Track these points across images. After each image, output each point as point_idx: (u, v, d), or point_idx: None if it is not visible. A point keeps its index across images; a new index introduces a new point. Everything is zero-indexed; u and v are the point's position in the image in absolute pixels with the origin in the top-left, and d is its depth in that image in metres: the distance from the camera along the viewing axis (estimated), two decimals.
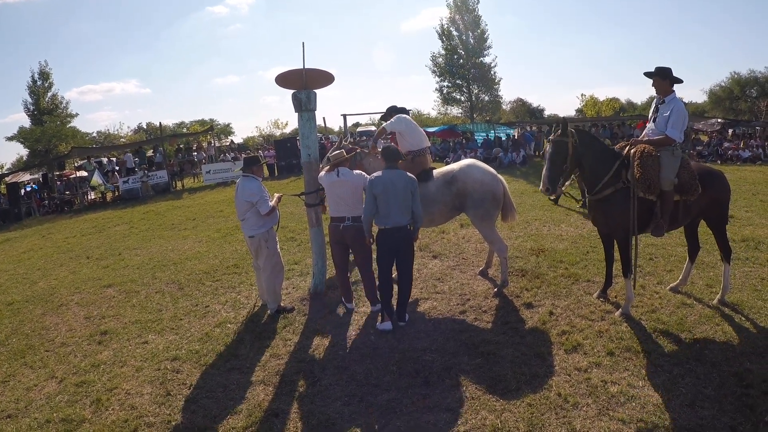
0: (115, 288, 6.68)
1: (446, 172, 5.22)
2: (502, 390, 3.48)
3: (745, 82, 37.06)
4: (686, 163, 4.36)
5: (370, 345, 4.32)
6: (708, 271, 5.37)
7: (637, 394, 3.32)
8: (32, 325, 5.69)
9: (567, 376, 3.59)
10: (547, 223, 8.11)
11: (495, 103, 29.00)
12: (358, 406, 3.47)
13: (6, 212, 16.80)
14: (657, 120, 4.35)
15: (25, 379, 4.40)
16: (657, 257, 5.97)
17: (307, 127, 5.41)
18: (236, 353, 4.40)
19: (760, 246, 6.19)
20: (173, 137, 23.91)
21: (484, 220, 5.07)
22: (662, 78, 4.26)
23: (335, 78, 5.59)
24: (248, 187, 4.91)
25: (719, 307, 4.49)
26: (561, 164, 4.22)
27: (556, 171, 4.23)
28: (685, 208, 4.35)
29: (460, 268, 6.13)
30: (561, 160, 4.22)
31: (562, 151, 4.21)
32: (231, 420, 3.46)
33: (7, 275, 8.33)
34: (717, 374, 3.50)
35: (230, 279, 6.48)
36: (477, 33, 26.32)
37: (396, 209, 4.36)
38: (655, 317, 4.36)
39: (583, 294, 5.00)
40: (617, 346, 3.92)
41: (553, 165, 4.22)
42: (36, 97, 32.36)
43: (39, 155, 30.59)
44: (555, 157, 4.22)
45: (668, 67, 4.28)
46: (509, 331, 4.35)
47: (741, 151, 16.15)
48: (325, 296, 5.50)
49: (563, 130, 4.24)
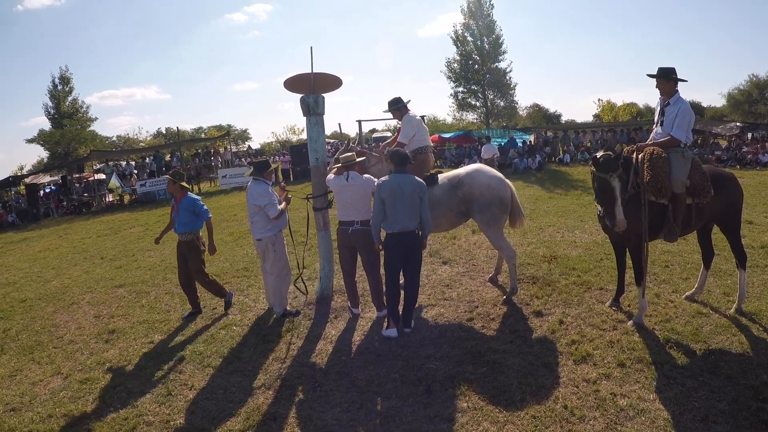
0: (126, 288, 6.77)
1: (452, 177, 5.14)
2: (506, 401, 3.37)
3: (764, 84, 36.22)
4: (697, 164, 4.20)
5: (374, 351, 4.25)
6: (725, 279, 5.17)
7: (647, 407, 3.17)
8: (43, 322, 5.80)
9: (575, 387, 3.46)
10: (561, 230, 7.94)
11: (511, 108, 28.80)
12: (357, 413, 3.40)
13: (25, 212, 17.30)
14: (664, 123, 4.21)
15: (31, 374, 4.49)
16: (673, 265, 5.78)
17: (314, 130, 5.40)
18: (239, 356, 4.38)
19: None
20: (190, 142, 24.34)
21: (491, 226, 4.96)
22: (666, 79, 4.11)
23: (343, 82, 5.60)
24: (257, 191, 4.93)
25: (736, 317, 4.31)
26: (624, 194, 3.98)
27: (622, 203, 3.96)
28: (697, 211, 4.19)
29: (470, 274, 6.03)
30: (624, 191, 3.98)
31: (625, 183, 3.99)
32: (229, 422, 3.43)
33: (23, 273, 8.53)
34: (732, 387, 3.32)
35: (239, 282, 6.49)
36: (492, 38, 26.24)
37: (403, 213, 4.30)
38: (669, 327, 4.19)
39: (595, 302, 4.84)
40: (628, 357, 3.77)
41: (621, 199, 3.93)
42: (56, 101, 33.17)
43: (59, 158, 31.38)
44: (623, 190, 3.96)
45: (671, 68, 4.13)
46: (517, 339, 4.23)
47: (760, 156, 15.67)
48: (332, 300, 5.46)
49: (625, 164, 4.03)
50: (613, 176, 3.90)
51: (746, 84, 37.19)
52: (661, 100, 4.29)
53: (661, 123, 4.27)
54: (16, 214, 17.19)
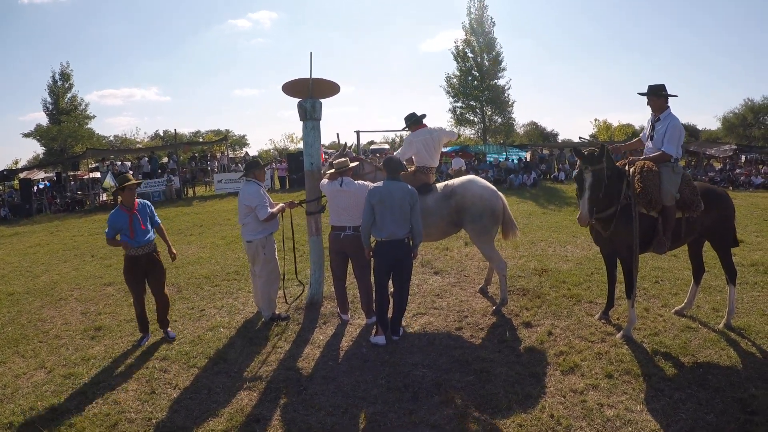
0: (115, 286, 6.70)
1: (445, 186, 5.15)
2: (492, 409, 3.35)
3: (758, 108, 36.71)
4: (688, 179, 4.27)
5: (361, 357, 4.22)
6: (714, 295, 5.22)
7: (634, 418, 3.16)
8: (29, 316, 5.73)
9: (561, 397, 3.45)
10: (552, 244, 7.98)
11: (508, 125, 29.05)
12: (341, 418, 3.36)
13: (18, 207, 17.16)
14: (654, 138, 4.28)
15: (15, 366, 4.43)
16: (663, 280, 5.83)
17: (311, 135, 5.43)
18: (225, 357, 4.34)
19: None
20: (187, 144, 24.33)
21: (482, 236, 4.97)
22: (656, 96, 4.21)
23: (341, 90, 5.61)
24: (248, 191, 4.91)
25: (725, 332, 4.34)
26: (599, 193, 3.97)
27: (594, 201, 3.97)
28: (687, 225, 4.24)
29: (461, 285, 6.03)
30: (599, 190, 3.96)
31: (601, 180, 3.96)
32: (212, 422, 3.38)
33: (11, 267, 8.45)
34: (720, 400, 3.33)
35: (229, 285, 6.45)
36: (492, 55, 26.54)
37: (391, 220, 4.28)
38: (658, 340, 4.21)
39: (584, 315, 4.85)
40: (616, 368, 3.77)
41: (592, 195, 3.95)
42: (55, 96, 32.80)
43: (54, 154, 31.08)
44: (595, 187, 3.95)
45: (661, 84, 4.22)
46: (505, 349, 4.22)
47: (753, 177, 15.94)
48: (321, 306, 5.42)
49: (607, 159, 4.00)
50: (588, 169, 3.97)
51: (741, 108, 37.72)
52: (652, 116, 4.37)
53: (651, 137, 4.35)
54: (9, 209, 17.04)
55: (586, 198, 3.95)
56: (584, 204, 3.96)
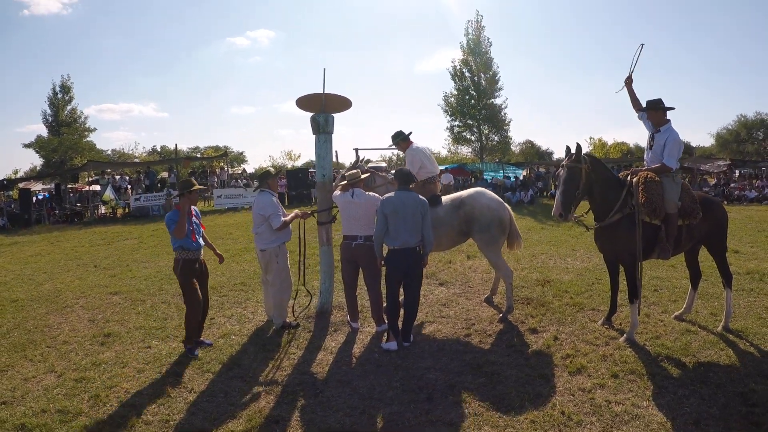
0: (121, 295, 6.74)
1: (455, 198, 5.36)
2: (505, 407, 3.46)
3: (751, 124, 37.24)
4: (687, 189, 4.52)
5: (374, 362, 4.31)
6: (712, 301, 5.44)
7: (641, 413, 3.30)
8: (35, 322, 5.74)
9: (571, 396, 3.57)
10: (553, 257, 8.16)
11: (504, 143, 29.49)
12: (359, 418, 3.44)
13: (17, 217, 17.12)
14: (654, 148, 4.52)
15: (23, 370, 4.42)
16: (662, 289, 6.03)
17: (323, 148, 5.60)
18: (239, 363, 4.40)
19: (764, 278, 6.38)
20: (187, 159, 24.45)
21: (490, 245, 5.15)
22: (655, 110, 4.47)
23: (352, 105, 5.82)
24: (262, 201, 5.04)
25: (723, 334, 4.54)
26: (574, 190, 4.26)
27: (568, 196, 4.26)
28: (687, 231, 4.47)
29: (466, 295, 6.16)
30: (574, 186, 4.25)
31: (576, 177, 4.26)
32: (231, 424, 3.43)
33: (13, 275, 8.42)
34: (722, 395, 3.50)
35: (237, 295, 6.51)
36: (489, 75, 27.05)
37: (405, 230, 4.43)
38: (660, 343, 4.37)
39: (587, 321, 5.00)
40: (621, 369, 3.92)
41: (566, 190, 4.26)
42: (55, 108, 32.82)
43: (53, 166, 30.80)
44: (568, 182, 4.27)
45: (658, 99, 4.49)
46: (513, 353, 4.34)
47: (747, 192, 16.32)
48: (331, 315, 5.52)
49: (577, 156, 4.32)
50: (564, 166, 4.31)
51: (734, 124, 38.25)
52: (652, 129, 4.60)
53: (650, 147, 4.59)
54: (8, 218, 16.99)
55: (560, 192, 4.28)
56: (558, 197, 4.30)
